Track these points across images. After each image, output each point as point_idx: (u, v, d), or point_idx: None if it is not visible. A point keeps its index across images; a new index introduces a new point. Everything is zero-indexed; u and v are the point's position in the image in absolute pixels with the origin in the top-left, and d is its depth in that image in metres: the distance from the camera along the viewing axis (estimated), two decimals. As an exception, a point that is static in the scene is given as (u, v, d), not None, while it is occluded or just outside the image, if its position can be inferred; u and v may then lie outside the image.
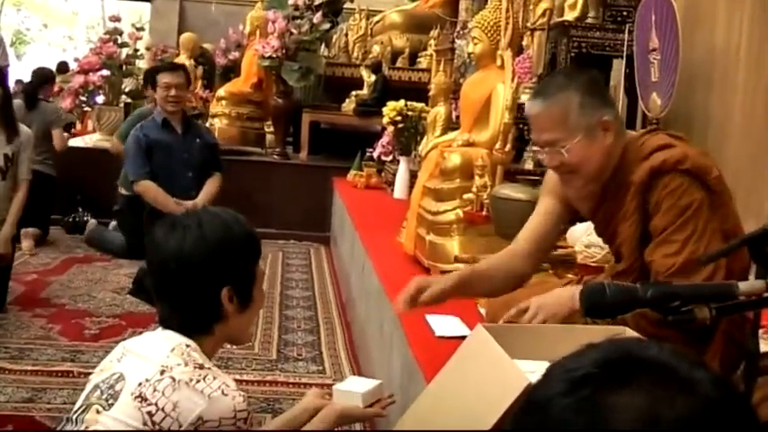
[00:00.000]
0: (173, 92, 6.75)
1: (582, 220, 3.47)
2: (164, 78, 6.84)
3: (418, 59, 11.68)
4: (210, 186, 6.96)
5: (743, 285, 1.84)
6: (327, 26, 10.86)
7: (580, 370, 0.99)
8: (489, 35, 5.03)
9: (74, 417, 2.29)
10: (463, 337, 3.00)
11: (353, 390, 2.88)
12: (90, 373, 4.51)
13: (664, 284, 1.82)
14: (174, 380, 2.12)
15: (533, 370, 2.21)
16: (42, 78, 9.88)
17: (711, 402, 0.95)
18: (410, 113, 8.33)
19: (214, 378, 2.18)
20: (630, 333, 2.37)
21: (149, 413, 2.11)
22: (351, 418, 2.96)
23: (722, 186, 2.82)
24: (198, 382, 2.14)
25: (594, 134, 2.86)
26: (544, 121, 2.90)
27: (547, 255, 3.47)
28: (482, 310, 3.86)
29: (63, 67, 19.04)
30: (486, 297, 3.53)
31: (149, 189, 6.81)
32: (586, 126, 2.84)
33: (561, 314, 2.73)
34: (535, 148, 3.03)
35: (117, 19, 11.24)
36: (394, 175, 8.53)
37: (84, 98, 10.00)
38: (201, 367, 2.19)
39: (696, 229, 2.71)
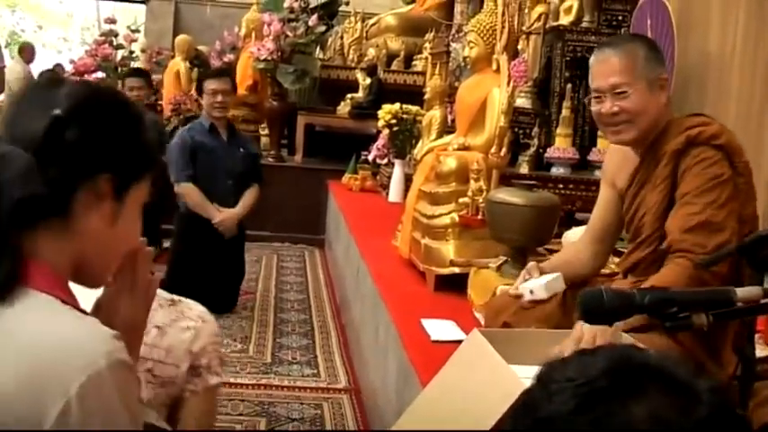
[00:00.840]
0: (219, 98, 6.60)
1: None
2: (210, 85, 6.69)
3: (413, 62, 11.68)
4: (249, 197, 6.74)
5: (740, 292, 1.84)
6: (323, 29, 10.86)
7: (595, 383, 0.99)
8: (485, 39, 5.03)
9: None
10: (458, 342, 3.00)
11: (537, 283, 3.11)
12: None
13: (661, 291, 1.82)
14: (158, 328, 2.11)
15: (529, 375, 2.20)
16: None
17: (714, 410, 0.96)
18: (405, 116, 8.34)
19: (189, 309, 2.19)
20: (626, 337, 2.37)
21: (149, 370, 2.08)
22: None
23: (748, 171, 2.89)
24: (178, 320, 2.14)
25: (654, 88, 2.98)
26: (614, 65, 3.00)
27: (615, 241, 3.49)
28: (478, 315, 3.86)
29: (58, 70, 19.06)
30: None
31: (191, 193, 6.64)
32: (649, 77, 2.97)
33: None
34: (594, 96, 3.07)
35: (112, 21, 11.25)
36: (389, 178, 8.53)
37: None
38: (173, 303, 2.18)
39: (718, 198, 2.78)
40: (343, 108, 11.03)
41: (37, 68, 11.40)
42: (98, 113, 1.58)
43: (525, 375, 2.12)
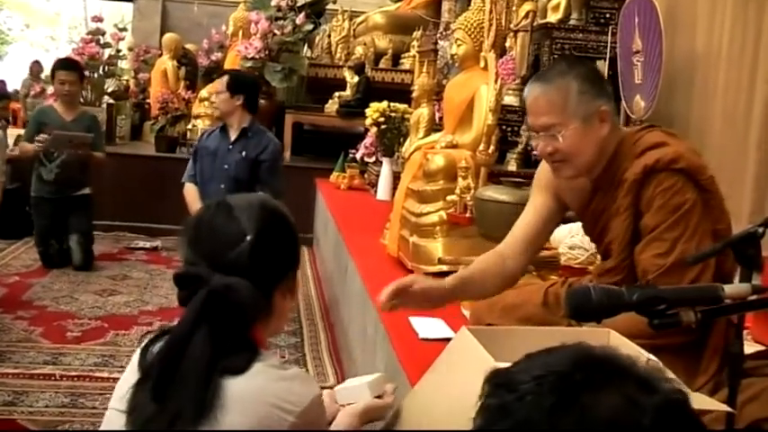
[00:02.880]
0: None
1: (569, 220, 3.46)
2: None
3: (401, 61, 11.69)
4: None
5: (728, 289, 1.84)
6: (310, 27, 10.85)
7: (565, 379, 1.01)
8: (472, 37, 5.02)
9: None
10: (447, 340, 2.99)
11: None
12: (72, 376, 4.49)
13: (649, 288, 1.82)
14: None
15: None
16: None
17: (670, 400, 0.99)
18: (393, 115, 8.34)
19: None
20: (615, 335, 2.37)
21: None
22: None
23: (714, 186, 2.79)
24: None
25: (591, 123, 2.83)
26: (542, 105, 2.86)
27: (538, 252, 3.43)
28: (466, 312, 3.85)
29: (37, 68, 18.99)
30: (478, 300, 3.48)
31: (186, 193, 6.71)
32: (584, 114, 2.82)
33: None
34: (530, 133, 3.00)
35: (99, 19, 11.19)
36: (377, 176, 8.53)
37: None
38: None
39: (687, 228, 2.69)
40: (331, 106, 11.03)
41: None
42: (276, 231, 2.13)
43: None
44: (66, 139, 7.42)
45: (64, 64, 8.08)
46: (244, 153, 6.55)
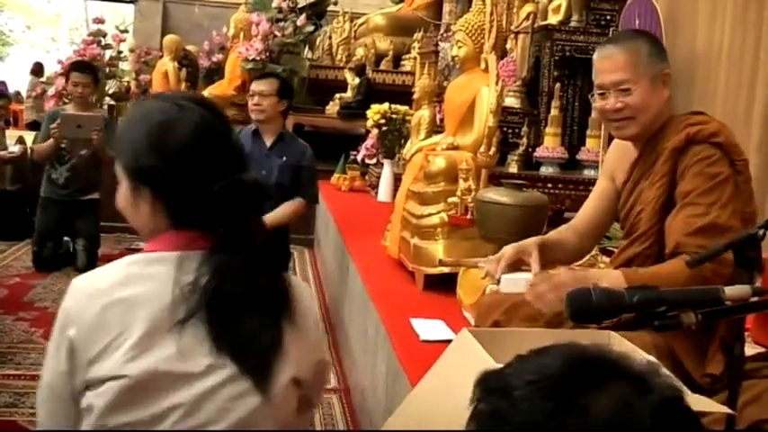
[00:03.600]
0: (255, 99, 6.21)
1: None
2: (252, 86, 6.39)
3: (402, 62, 11.69)
4: (281, 211, 6.10)
5: (729, 290, 1.84)
6: (311, 29, 10.87)
7: (559, 382, 1.00)
8: (473, 38, 5.03)
9: None
10: (447, 341, 3.00)
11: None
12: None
13: (650, 290, 1.82)
14: None
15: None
16: None
17: (666, 400, 0.99)
18: (394, 116, 8.35)
19: None
20: (616, 337, 2.37)
21: None
22: None
23: (747, 172, 2.89)
24: None
25: (657, 84, 2.99)
26: (616, 62, 3.02)
27: (603, 233, 3.55)
28: (467, 314, 3.86)
29: (38, 69, 19.01)
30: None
31: None
32: (652, 73, 2.99)
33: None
34: (597, 92, 3.09)
35: (101, 21, 11.22)
36: (378, 177, 8.53)
37: (67, 100, 9.95)
38: None
39: (721, 197, 2.77)
40: (332, 108, 11.04)
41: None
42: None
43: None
44: (75, 123, 7.31)
45: (78, 66, 8.09)
46: (284, 158, 6.25)
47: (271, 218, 5.97)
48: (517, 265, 3.15)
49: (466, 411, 2.15)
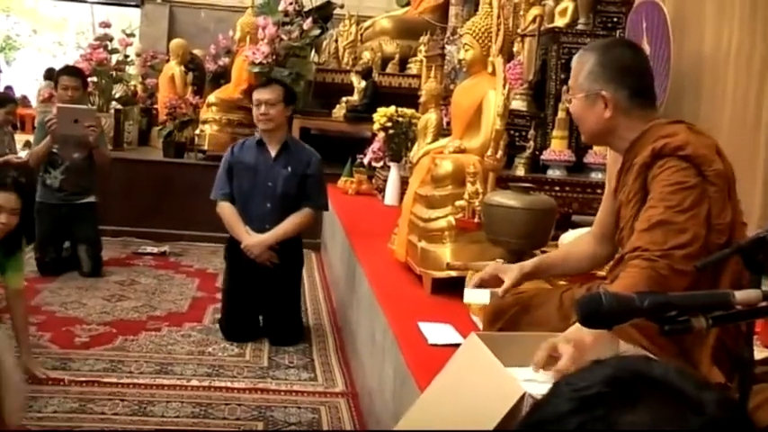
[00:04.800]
0: (262, 108, 6.03)
1: (576, 225, 3.48)
2: (255, 95, 6.17)
3: (408, 65, 11.68)
4: (290, 222, 6.08)
5: (739, 295, 1.83)
6: (317, 32, 10.87)
7: (591, 388, 0.99)
8: (480, 41, 5.02)
9: None
10: (455, 345, 3.00)
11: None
12: (81, 381, 4.50)
13: (660, 294, 1.81)
14: None
15: (526, 379, 2.20)
16: None
17: (718, 423, 0.95)
18: (400, 119, 8.35)
19: None
20: (623, 344, 2.37)
21: None
22: None
23: (722, 182, 2.82)
24: None
25: (594, 101, 3.04)
26: (573, 68, 3.17)
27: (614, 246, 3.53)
28: (475, 318, 3.85)
29: (50, 74, 19.07)
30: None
31: (223, 212, 6.16)
32: (588, 90, 3.05)
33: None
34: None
35: (107, 25, 11.22)
36: (384, 181, 8.53)
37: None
38: None
39: (681, 203, 2.73)
40: (338, 111, 11.03)
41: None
42: None
43: (523, 379, 2.12)
44: (71, 117, 7.26)
45: (67, 70, 8.12)
46: (290, 168, 6.12)
47: (279, 230, 6.02)
48: (496, 283, 3.27)
49: (474, 414, 2.15)
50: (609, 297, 1.79)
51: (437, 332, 3.81)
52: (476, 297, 3.32)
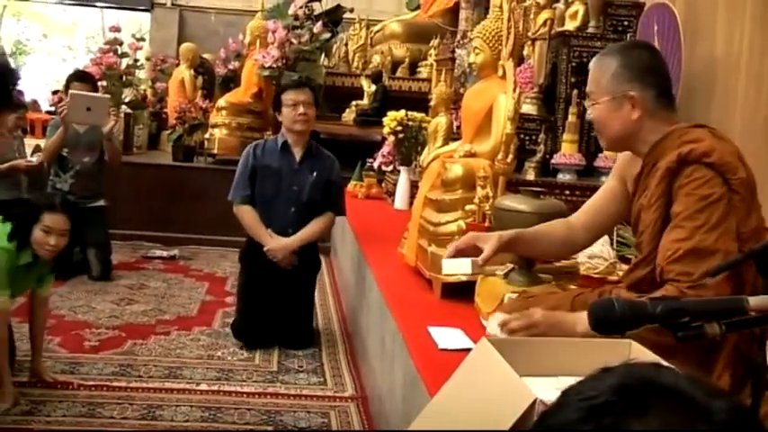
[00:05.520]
0: (301, 109, 5.90)
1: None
2: (290, 95, 5.97)
3: (418, 69, 11.69)
4: (313, 226, 6.03)
5: (753, 301, 1.82)
6: (327, 36, 10.86)
7: (599, 397, 0.98)
8: (491, 45, 5.01)
9: None
10: (466, 350, 2.98)
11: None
12: (90, 386, 4.50)
13: (673, 300, 1.80)
14: None
15: (537, 385, 2.19)
16: None
17: (727, 430, 0.94)
18: (410, 123, 8.33)
19: None
20: (637, 347, 2.35)
21: None
22: None
23: (745, 190, 2.82)
24: None
25: (620, 103, 3.03)
26: (590, 74, 3.15)
27: (603, 231, 3.61)
28: (485, 323, 3.83)
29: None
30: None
31: (244, 215, 6.02)
32: (614, 92, 3.03)
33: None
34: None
35: (117, 29, 11.25)
36: (394, 185, 8.53)
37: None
38: None
39: (708, 221, 2.73)
40: (348, 115, 11.04)
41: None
42: None
43: (534, 384, 2.11)
44: (84, 104, 7.18)
45: (78, 75, 8.11)
46: (315, 174, 6.03)
47: (303, 235, 6.00)
48: (473, 252, 3.26)
49: (485, 420, 2.14)
50: (621, 303, 1.78)
51: (447, 337, 3.79)
52: (456, 267, 3.27)
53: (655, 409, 0.95)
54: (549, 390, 2.07)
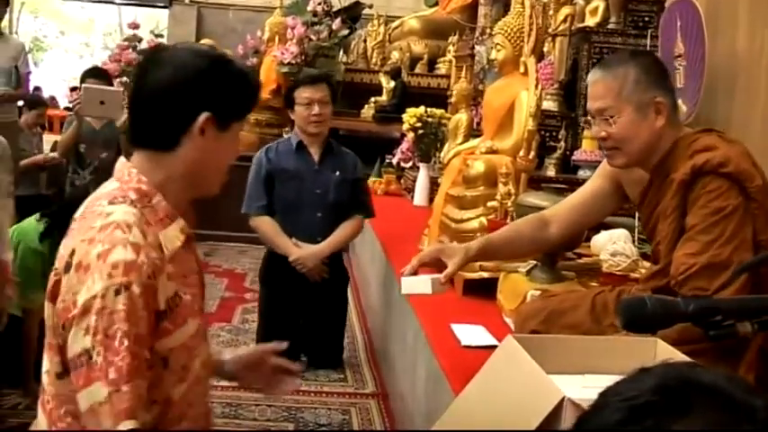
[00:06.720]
0: (316, 109, 5.41)
1: (609, 226, 3.44)
2: (304, 93, 5.46)
3: (437, 65, 11.68)
4: (341, 232, 5.56)
5: (786, 299, 1.82)
6: (346, 32, 10.88)
7: (640, 398, 0.97)
8: (512, 41, 5.00)
9: None
10: (489, 347, 2.98)
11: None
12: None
13: (705, 299, 1.80)
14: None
15: (563, 383, 2.18)
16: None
17: None
18: (430, 120, 8.33)
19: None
20: (663, 345, 2.34)
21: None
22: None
23: (764, 196, 2.75)
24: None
25: (645, 112, 2.87)
26: (600, 89, 2.93)
27: (581, 230, 3.57)
28: (508, 320, 3.83)
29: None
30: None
31: (261, 226, 5.50)
32: (638, 101, 2.86)
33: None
34: (589, 119, 3.06)
35: (136, 26, 11.28)
36: (414, 181, 8.52)
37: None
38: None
39: (723, 233, 2.67)
40: (367, 111, 11.03)
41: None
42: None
43: (561, 382, 2.10)
44: (98, 98, 7.11)
45: (93, 72, 8.10)
46: (338, 173, 5.56)
47: (333, 241, 5.53)
48: (438, 266, 3.15)
49: (513, 417, 2.13)
50: (653, 301, 1.78)
51: (470, 333, 3.78)
52: (414, 287, 3.05)
53: (697, 409, 0.94)
54: (576, 388, 2.07)
